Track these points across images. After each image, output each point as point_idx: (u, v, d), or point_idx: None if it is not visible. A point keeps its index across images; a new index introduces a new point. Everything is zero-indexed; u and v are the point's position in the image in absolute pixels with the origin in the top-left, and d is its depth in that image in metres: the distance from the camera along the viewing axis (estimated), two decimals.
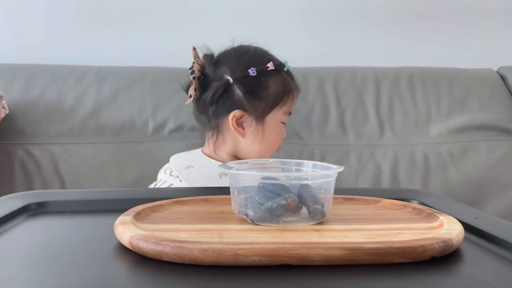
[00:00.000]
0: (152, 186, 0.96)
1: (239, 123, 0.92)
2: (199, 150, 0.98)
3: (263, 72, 0.92)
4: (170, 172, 0.93)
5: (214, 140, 0.94)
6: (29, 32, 1.35)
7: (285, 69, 0.95)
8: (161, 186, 0.93)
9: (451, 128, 1.25)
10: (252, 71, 0.92)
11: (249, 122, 0.92)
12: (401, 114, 1.26)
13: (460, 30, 1.48)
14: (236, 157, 0.94)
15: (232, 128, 0.92)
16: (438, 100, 1.28)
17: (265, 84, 0.92)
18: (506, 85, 1.34)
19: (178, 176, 0.91)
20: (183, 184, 0.89)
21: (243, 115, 0.92)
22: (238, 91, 0.92)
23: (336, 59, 1.37)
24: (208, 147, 0.96)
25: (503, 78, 1.36)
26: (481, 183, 1.21)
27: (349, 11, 1.45)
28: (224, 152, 0.95)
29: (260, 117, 0.92)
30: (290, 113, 0.96)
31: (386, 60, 1.39)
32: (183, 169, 0.92)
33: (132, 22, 1.38)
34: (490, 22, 1.49)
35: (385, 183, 1.18)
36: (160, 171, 0.96)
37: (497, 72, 1.38)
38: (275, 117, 0.93)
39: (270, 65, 0.92)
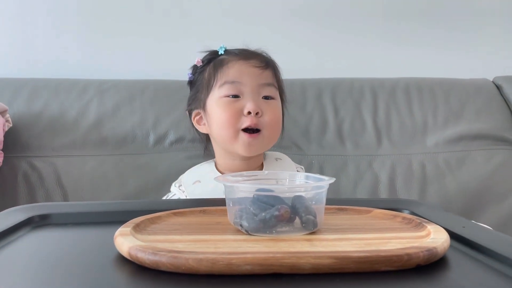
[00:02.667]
0: (164, 198, 0.97)
1: (200, 123, 0.97)
2: (213, 161, 0.99)
3: (197, 70, 0.96)
4: (179, 186, 0.94)
5: (207, 145, 1.00)
6: (32, 47, 1.38)
7: (220, 52, 0.94)
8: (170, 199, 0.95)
9: (448, 138, 1.27)
10: (188, 75, 0.98)
11: (202, 115, 0.96)
12: (398, 124, 1.28)
13: (456, 40, 1.50)
14: (228, 152, 0.94)
15: (198, 128, 0.97)
16: (434, 110, 1.30)
17: (201, 77, 0.94)
18: (501, 95, 1.36)
19: (184, 191, 0.92)
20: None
21: (198, 113, 0.96)
22: (190, 98, 0.98)
23: (333, 70, 1.39)
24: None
25: (498, 87, 1.38)
26: (478, 192, 1.22)
27: (346, 24, 1.48)
28: (217, 151, 0.97)
29: (204, 105, 0.93)
30: (233, 81, 0.89)
31: (382, 71, 1.41)
32: (190, 184, 0.92)
33: (133, 37, 1.40)
34: (486, 32, 1.52)
35: (383, 192, 1.20)
36: (173, 183, 0.97)
37: (492, 82, 1.40)
38: (213, 95, 0.91)
39: (197, 62, 0.95)
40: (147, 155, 1.19)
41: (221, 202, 0.60)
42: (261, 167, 0.97)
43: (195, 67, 0.97)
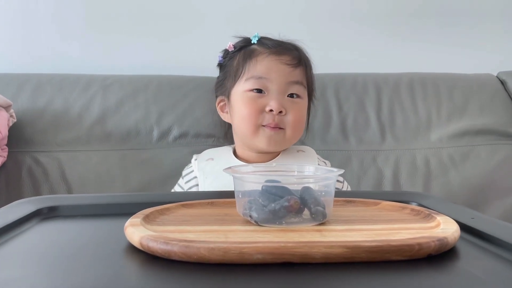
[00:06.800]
0: (185, 168, 1.00)
1: (223, 110, 0.96)
2: (233, 145, 0.99)
3: (228, 55, 0.95)
4: (195, 160, 0.96)
5: (227, 131, 1.01)
6: (35, 42, 1.38)
7: (253, 41, 0.92)
8: (188, 170, 0.97)
9: (452, 133, 1.27)
10: (219, 57, 0.97)
11: (226, 103, 0.95)
12: (402, 120, 1.28)
13: (460, 36, 1.50)
14: (246, 145, 0.94)
15: (220, 115, 0.97)
16: (438, 105, 1.30)
17: (230, 63, 0.93)
18: (506, 90, 1.36)
19: (196, 165, 0.94)
20: (199, 174, 0.92)
21: (223, 100, 0.95)
22: (217, 81, 0.98)
23: (336, 65, 1.39)
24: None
25: (502, 83, 1.38)
26: (482, 186, 1.22)
27: (349, 18, 1.48)
28: (237, 142, 0.97)
29: (228, 94, 0.93)
30: (260, 77, 0.87)
31: (386, 66, 1.41)
32: (204, 160, 0.94)
33: (136, 32, 1.40)
34: (489, 27, 1.52)
35: (387, 187, 1.20)
36: (194, 155, 0.99)
37: (496, 77, 1.40)
38: (238, 87, 0.90)
39: (229, 47, 0.94)
40: (150, 150, 1.20)
41: (228, 194, 0.60)
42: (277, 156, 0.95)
43: (226, 52, 0.95)
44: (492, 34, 1.52)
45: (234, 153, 0.96)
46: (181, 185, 0.97)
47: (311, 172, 0.58)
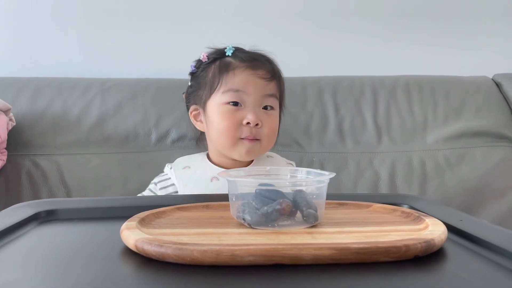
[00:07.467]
0: (156, 177, 1.00)
1: (196, 118, 0.98)
2: (206, 152, 1.02)
3: (201, 65, 0.96)
4: (170, 168, 0.97)
5: (200, 138, 1.02)
6: (35, 46, 1.39)
7: (227, 53, 0.94)
8: (162, 178, 0.98)
9: (448, 135, 1.28)
10: (191, 67, 0.98)
11: (200, 113, 0.97)
12: (399, 122, 1.29)
13: (456, 38, 1.51)
14: (221, 153, 0.96)
15: (193, 123, 0.98)
16: (434, 108, 1.31)
17: (204, 74, 0.95)
18: (501, 92, 1.37)
19: (173, 174, 0.95)
20: (177, 181, 0.93)
21: (196, 109, 0.97)
22: (190, 89, 0.99)
23: (333, 68, 1.40)
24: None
25: (498, 85, 1.39)
26: (477, 188, 1.23)
27: (346, 22, 1.49)
28: (211, 149, 0.98)
29: (204, 105, 0.94)
30: (237, 90, 0.90)
31: (382, 69, 1.42)
32: (180, 168, 0.96)
33: (135, 36, 1.41)
34: (485, 30, 1.53)
35: (383, 189, 1.21)
36: (167, 164, 1.00)
37: (492, 79, 1.41)
38: (215, 99, 0.92)
39: (202, 57, 0.96)
40: (149, 153, 1.20)
41: (223, 197, 0.62)
42: (250, 164, 0.98)
43: (199, 62, 0.98)
44: (487, 36, 1.53)
45: (209, 159, 0.99)
46: (156, 193, 0.97)
47: (303, 175, 0.60)
